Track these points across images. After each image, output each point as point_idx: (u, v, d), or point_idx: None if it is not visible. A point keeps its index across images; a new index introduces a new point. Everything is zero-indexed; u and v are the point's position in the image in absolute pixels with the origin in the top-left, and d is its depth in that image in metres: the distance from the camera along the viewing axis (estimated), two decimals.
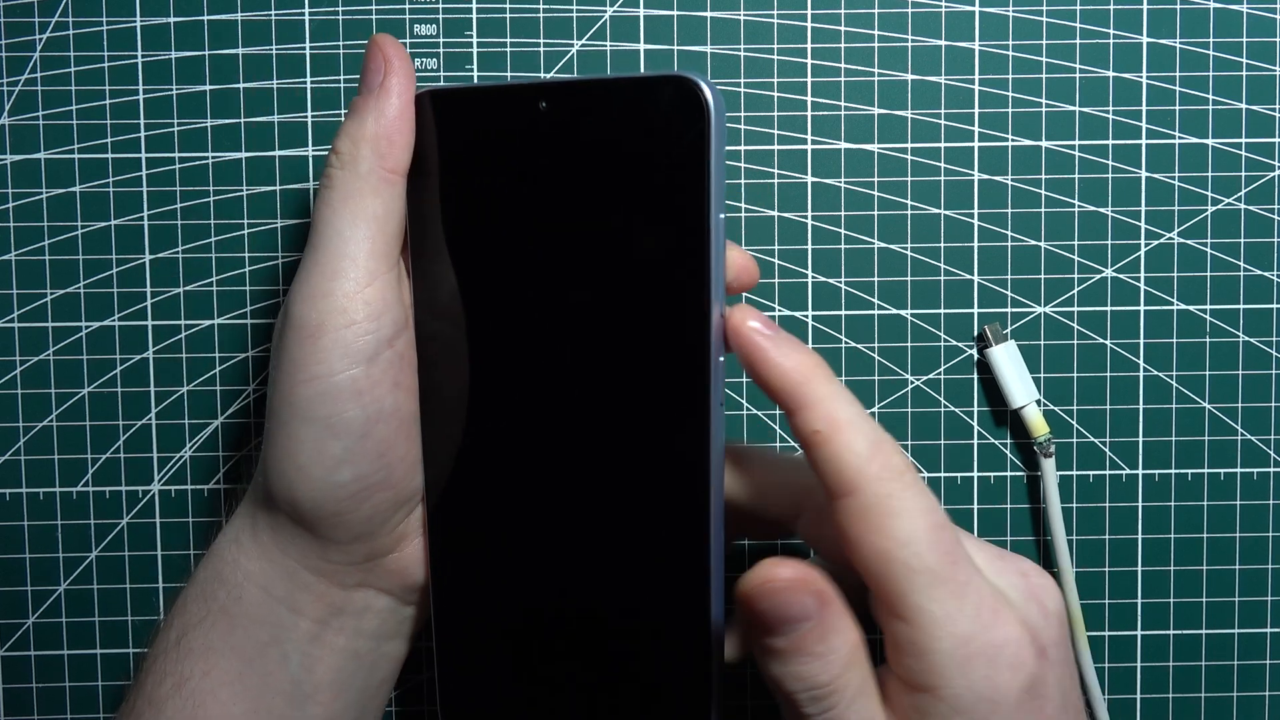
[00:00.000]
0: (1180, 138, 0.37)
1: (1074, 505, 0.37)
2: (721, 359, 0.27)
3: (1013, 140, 0.37)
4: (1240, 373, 0.37)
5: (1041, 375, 0.37)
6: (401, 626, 0.31)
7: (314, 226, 0.28)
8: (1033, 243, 0.37)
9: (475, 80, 0.36)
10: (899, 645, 0.25)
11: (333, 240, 0.27)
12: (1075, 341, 0.37)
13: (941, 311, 0.37)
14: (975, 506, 0.37)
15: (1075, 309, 0.37)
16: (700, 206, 0.26)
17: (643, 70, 0.36)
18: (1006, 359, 0.36)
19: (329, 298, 0.27)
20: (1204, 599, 0.37)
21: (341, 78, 0.36)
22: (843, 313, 0.37)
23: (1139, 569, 0.37)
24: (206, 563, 0.30)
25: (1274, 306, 0.37)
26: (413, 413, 0.29)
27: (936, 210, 0.37)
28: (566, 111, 0.27)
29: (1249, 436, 0.37)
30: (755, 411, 0.37)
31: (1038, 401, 0.36)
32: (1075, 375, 0.37)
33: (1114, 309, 0.37)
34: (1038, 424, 0.36)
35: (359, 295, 0.27)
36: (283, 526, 0.29)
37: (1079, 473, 0.37)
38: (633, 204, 0.27)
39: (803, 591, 0.24)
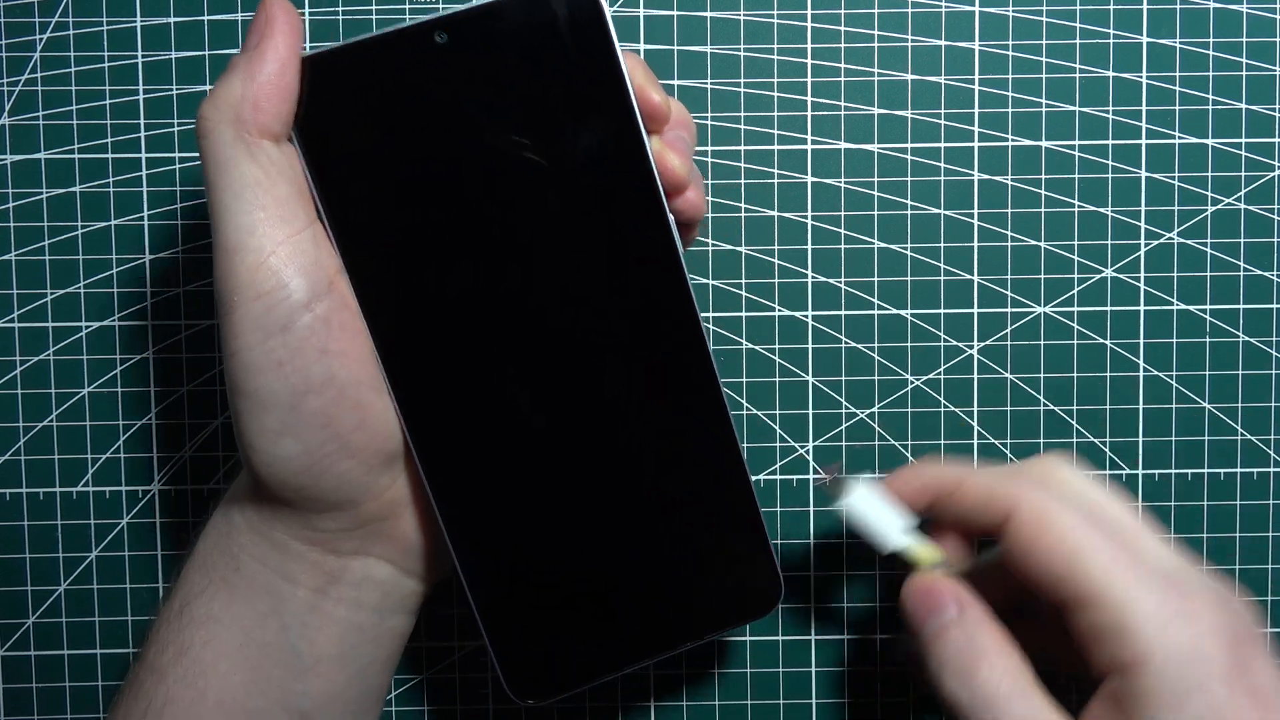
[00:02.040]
0: (1180, 138, 0.37)
1: None
2: (673, 219, 0.29)
3: (1013, 140, 0.37)
4: (1240, 373, 0.37)
5: (1041, 375, 0.37)
6: (406, 600, 0.31)
7: (208, 202, 0.27)
8: (1033, 243, 0.37)
9: None
10: (1097, 635, 0.26)
11: (222, 216, 0.26)
12: (1075, 341, 0.37)
13: (941, 311, 0.37)
14: None
15: (1075, 309, 0.37)
16: (623, 96, 0.28)
17: None
18: (867, 503, 0.31)
19: (234, 274, 0.26)
20: None
21: None
22: (843, 313, 0.37)
23: None
24: (205, 535, 0.30)
25: (1274, 306, 0.37)
26: (359, 380, 0.28)
27: (936, 210, 0.37)
28: (466, 39, 0.27)
29: (1249, 436, 0.37)
30: (755, 411, 0.37)
31: (919, 527, 0.32)
32: (1075, 375, 0.37)
33: (1114, 309, 0.37)
34: (926, 554, 0.31)
35: (262, 266, 0.26)
36: (264, 502, 0.29)
37: None
38: (556, 112, 0.28)
39: (941, 592, 0.29)
